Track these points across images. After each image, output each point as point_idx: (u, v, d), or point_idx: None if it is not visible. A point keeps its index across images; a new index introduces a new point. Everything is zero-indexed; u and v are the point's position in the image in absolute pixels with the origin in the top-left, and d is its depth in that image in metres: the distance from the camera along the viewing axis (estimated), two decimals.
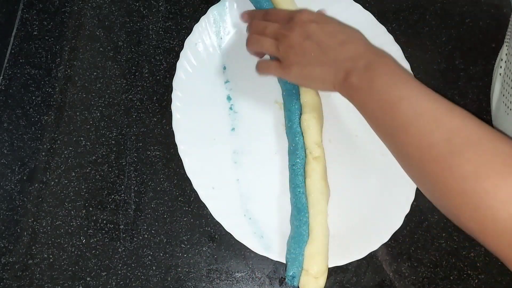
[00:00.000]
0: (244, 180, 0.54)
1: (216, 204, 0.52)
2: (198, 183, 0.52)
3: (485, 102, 0.61)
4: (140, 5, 0.61)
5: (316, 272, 0.47)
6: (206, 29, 0.58)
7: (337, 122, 0.57)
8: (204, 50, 0.57)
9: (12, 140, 0.56)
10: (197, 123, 0.55)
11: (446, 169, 0.39)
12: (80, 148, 0.56)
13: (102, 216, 0.54)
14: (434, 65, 0.62)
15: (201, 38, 0.57)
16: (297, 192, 0.51)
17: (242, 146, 0.55)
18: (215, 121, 0.56)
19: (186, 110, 0.55)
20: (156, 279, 0.52)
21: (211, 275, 0.53)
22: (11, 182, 0.54)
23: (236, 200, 0.53)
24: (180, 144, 0.53)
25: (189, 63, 0.56)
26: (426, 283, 0.54)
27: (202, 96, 0.56)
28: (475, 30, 0.64)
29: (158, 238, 0.54)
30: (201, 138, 0.55)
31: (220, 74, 0.57)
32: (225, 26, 0.58)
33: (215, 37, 0.58)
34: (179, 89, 0.55)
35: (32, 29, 0.59)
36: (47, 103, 0.57)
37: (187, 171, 0.53)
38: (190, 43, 0.57)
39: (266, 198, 0.54)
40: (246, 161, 0.55)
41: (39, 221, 0.53)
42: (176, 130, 0.54)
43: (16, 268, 0.52)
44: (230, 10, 0.59)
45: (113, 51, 0.59)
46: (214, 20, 0.58)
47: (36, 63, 0.58)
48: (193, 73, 0.56)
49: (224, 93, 0.57)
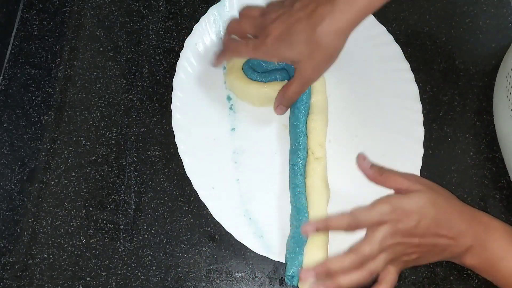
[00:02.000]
0: (244, 180, 0.54)
1: (216, 204, 0.52)
2: (199, 183, 0.52)
3: (485, 102, 0.61)
4: (140, 5, 0.61)
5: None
6: (206, 29, 0.58)
7: (337, 123, 0.56)
8: (204, 50, 0.57)
9: (12, 140, 0.56)
10: (197, 123, 0.55)
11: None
12: (80, 148, 0.56)
13: (102, 216, 0.54)
14: (434, 65, 0.62)
15: (201, 38, 0.57)
16: (297, 192, 0.51)
17: (242, 146, 0.55)
18: (215, 121, 0.56)
19: (186, 110, 0.55)
20: (156, 279, 0.52)
21: (211, 275, 0.53)
22: (11, 182, 0.54)
23: (236, 200, 0.53)
24: (180, 144, 0.53)
25: (189, 63, 0.56)
26: (426, 283, 0.54)
27: (202, 96, 0.56)
28: (475, 30, 0.64)
29: (158, 238, 0.54)
30: (201, 138, 0.54)
31: (220, 74, 0.57)
32: (225, 26, 0.58)
33: (215, 37, 0.58)
34: (179, 89, 0.55)
35: (32, 29, 0.59)
36: (47, 103, 0.57)
37: (187, 171, 0.53)
38: (190, 43, 0.57)
39: (266, 198, 0.54)
40: (246, 161, 0.55)
41: (39, 221, 0.53)
42: (176, 130, 0.54)
43: (16, 268, 0.52)
44: (230, 10, 0.59)
45: (113, 51, 0.59)
46: (214, 20, 0.58)
47: (36, 63, 0.58)
48: (193, 73, 0.56)
49: (224, 93, 0.57)
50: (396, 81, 0.58)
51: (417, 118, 0.56)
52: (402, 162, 0.54)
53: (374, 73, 0.52)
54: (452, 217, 0.45)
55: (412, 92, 0.57)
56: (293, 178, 0.51)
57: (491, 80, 0.61)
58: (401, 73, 0.58)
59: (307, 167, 0.51)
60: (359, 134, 0.57)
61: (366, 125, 0.56)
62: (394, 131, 0.56)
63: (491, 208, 0.57)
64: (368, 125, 0.57)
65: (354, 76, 0.52)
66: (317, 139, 0.52)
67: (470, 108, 0.60)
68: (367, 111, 0.57)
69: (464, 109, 0.60)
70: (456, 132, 0.59)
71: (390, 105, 0.57)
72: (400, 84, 0.58)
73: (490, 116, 0.60)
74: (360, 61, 0.59)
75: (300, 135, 0.52)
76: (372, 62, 0.59)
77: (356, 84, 0.58)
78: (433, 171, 0.57)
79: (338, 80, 0.57)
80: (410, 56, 0.60)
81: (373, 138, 0.56)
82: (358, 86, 0.58)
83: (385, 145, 0.56)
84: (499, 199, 0.57)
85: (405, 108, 0.57)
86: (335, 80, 0.57)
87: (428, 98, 0.60)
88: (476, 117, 0.60)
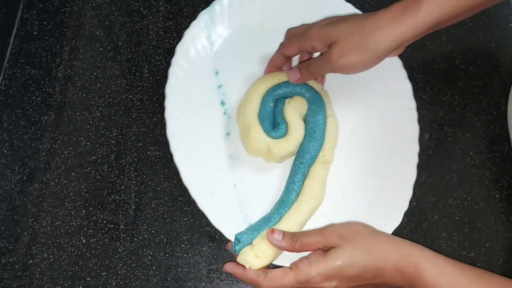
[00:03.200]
0: (242, 185, 0.53)
1: (215, 211, 0.51)
2: (196, 191, 0.51)
3: (485, 102, 0.61)
4: (140, 5, 0.61)
5: (261, 252, 0.47)
6: (198, 34, 0.56)
7: None
8: (196, 56, 0.56)
9: (12, 140, 0.56)
10: (192, 129, 0.54)
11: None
12: (80, 148, 0.56)
13: (102, 216, 0.54)
14: (434, 65, 0.62)
15: (192, 44, 0.56)
16: (291, 188, 0.50)
17: (238, 151, 0.54)
18: (209, 126, 0.55)
19: (180, 117, 0.54)
20: (156, 279, 0.52)
21: (211, 275, 0.53)
22: (11, 182, 0.54)
23: (234, 205, 0.53)
24: (176, 152, 0.52)
25: (181, 69, 0.55)
26: None
27: (196, 102, 0.55)
28: (475, 30, 0.64)
29: (158, 238, 0.53)
30: (197, 144, 0.54)
31: (212, 79, 0.56)
32: (216, 30, 0.57)
33: (206, 41, 0.57)
34: (173, 96, 0.54)
35: (32, 29, 0.59)
36: (47, 103, 0.57)
37: (184, 179, 0.52)
38: (181, 49, 0.55)
39: (264, 202, 0.53)
40: (242, 166, 0.54)
41: (39, 221, 0.53)
42: (171, 138, 0.53)
43: (16, 268, 0.52)
44: (221, 14, 0.57)
45: (113, 51, 0.59)
46: (205, 25, 0.57)
47: (36, 63, 0.58)
48: (186, 79, 0.55)
49: (218, 98, 0.56)
50: (389, 79, 0.57)
51: (411, 116, 0.56)
52: (398, 160, 0.54)
53: (367, 72, 0.51)
54: (376, 267, 0.45)
55: (405, 89, 0.57)
56: (294, 175, 0.51)
57: (491, 80, 0.61)
58: (394, 71, 0.57)
59: (311, 168, 0.51)
60: (355, 133, 0.56)
61: (362, 124, 0.56)
62: (388, 130, 0.56)
63: (491, 208, 0.57)
64: (363, 125, 0.56)
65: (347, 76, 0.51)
66: (332, 142, 0.52)
67: (470, 108, 0.60)
68: (362, 110, 0.57)
69: (464, 109, 0.60)
70: (456, 132, 0.59)
71: (384, 104, 0.57)
72: (393, 82, 0.57)
73: (490, 116, 0.60)
74: None
75: (321, 136, 0.52)
76: None
77: (350, 83, 0.57)
78: (433, 171, 0.58)
79: (331, 80, 0.56)
80: (410, 56, 0.60)
81: (368, 138, 0.55)
82: (351, 85, 0.57)
83: (381, 144, 0.55)
84: (499, 199, 0.57)
85: (399, 106, 0.56)
86: (328, 80, 0.56)
87: (428, 98, 0.60)
88: (476, 117, 0.60)
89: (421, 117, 0.57)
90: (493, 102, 0.61)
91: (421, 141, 0.55)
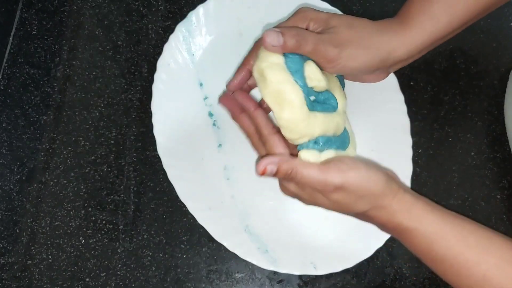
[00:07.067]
0: (239, 195, 0.53)
1: (216, 225, 0.51)
2: (194, 206, 0.51)
3: (486, 102, 0.61)
4: (139, 4, 0.61)
5: (326, 154, 0.44)
6: (177, 48, 0.55)
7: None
8: (178, 69, 0.55)
9: (11, 140, 0.55)
10: (183, 144, 0.53)
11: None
12: (79, 148, 0.55)
13: (101, 217, 0.54)
14: (435, 65, 0.62)
15: (172, 58, 0.55)
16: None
17: (232, 161, 0.54)
18: (200, 139, 0.54)
19: (169, 133, 0.53)
20: (156, 280, 0.52)
21: (211, 276, 0.53)
22: (10, 182, 0.54)
23: (234, 217, 0.52)
24: (169, 169, 0.51)
25: (164, 84, 0.54)
26: (427, 283, 0.54)
27: (184, 116, 0.54)
28: (476, 30, 0.64)
29: (157, 239, 0.53)
30: (189, 159, 0.53)
31: (197, 91, 0.55)
32: (195, 41, 0.56)
33: (187, 54, 0.56)
34: (159, 113, 0.53)
35: (31, 28, 0.59)
36: (46, 103, 0.57)
37: (180, 196, 0.51)
38: (162, 65, 0.54)
39: (264, 211, 0.53)
40: (238, 176, 0.53)
41: (38, 222, 0.53)
42: (162, 155, 0.52)
43: (15, 269, 0.51)
44: (197, 24, 0.56)
45: (112, 51, 0.59)
46: (184, 38, 0.56)
47: (35, 63, 0.58)
48: (170, 94, 0.54)
49: (205, 110, 0.55)
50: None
51: (400, 108, 0.55)
52: (392, 154, 0.54)
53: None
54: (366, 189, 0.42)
55: (391, 83, 0.56)
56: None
57: (493, 80, 0.61)
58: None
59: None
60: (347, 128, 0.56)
61: (354, 120, 0.55)
62: (380, 124, 0.55)
63: (492, 208, 0.57)
64: (355, 121, 0.56)
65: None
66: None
67: (471, 108, 0.60)
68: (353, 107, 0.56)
69: (465, 109, 0.60)
70: (457, 132, 0.59)
71: (373, 99, 0.56)
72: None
73: (492, 116, 0.60)
74: None
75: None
76: None
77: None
78: (434, 171, 0.57)
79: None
80: None
81: (360, 133, 0.55)
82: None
83: (374, 139, 0.55)
84: (501, 199, 0.57)
85: (387, 100, 0.56)
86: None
87: (429, 98, 0.60)
88: (477, 117, 0.60)
89: (422, 117, 0.56)
90: (494, 102, 0.60)
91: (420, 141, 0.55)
